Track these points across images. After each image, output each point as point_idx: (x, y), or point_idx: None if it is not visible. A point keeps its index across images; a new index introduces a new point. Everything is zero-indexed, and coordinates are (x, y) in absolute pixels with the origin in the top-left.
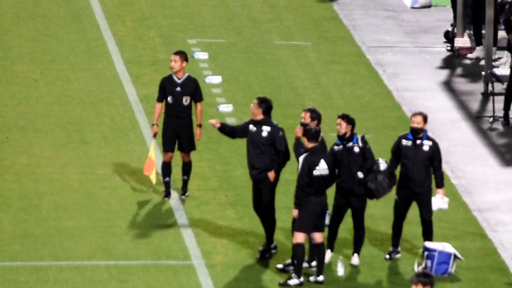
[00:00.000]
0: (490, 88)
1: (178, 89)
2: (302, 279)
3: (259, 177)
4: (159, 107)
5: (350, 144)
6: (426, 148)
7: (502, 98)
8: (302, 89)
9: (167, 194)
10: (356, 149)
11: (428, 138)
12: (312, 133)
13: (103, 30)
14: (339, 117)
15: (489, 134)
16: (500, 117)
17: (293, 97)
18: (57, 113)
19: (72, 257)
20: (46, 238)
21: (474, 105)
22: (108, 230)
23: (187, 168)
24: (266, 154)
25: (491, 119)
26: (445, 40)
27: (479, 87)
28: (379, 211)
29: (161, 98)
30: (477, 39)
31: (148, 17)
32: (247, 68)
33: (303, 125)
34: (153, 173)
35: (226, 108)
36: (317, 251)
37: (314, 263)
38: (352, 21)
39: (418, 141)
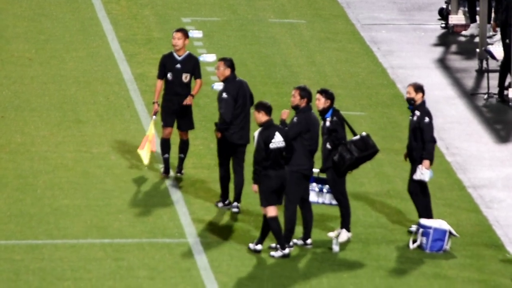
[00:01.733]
0: (484, 65)
1: (178, 66)
2: (287, 250)
3: None
4: (160, 85)
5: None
6: (414, 118)
7: (496, 75)
8: (296, 67)
9: (166, 171)
10: (327, 123)
11: (420, 109)
12: (266, 107)
13: (98, 9)
14: (318, 92)
15: (483, 111)
16: (494, 94)
17: (288, 75)
18: (52, 92)
19: (67, 235)
20: (42, 216)
21: (469, 82)
22: (103, 209)
23: (184, 147)
24: None
25: (485, 96)
26: (439, 17)
27: (473, 64)
28: (373, 188)
29: (161, 75)
30: (472, 16)
31: None
32: (241, 46)
33: (294, 106)
34: (147, 152)
35: (220, 86)
36: (264, 222)
37: (309, 241)
38: None
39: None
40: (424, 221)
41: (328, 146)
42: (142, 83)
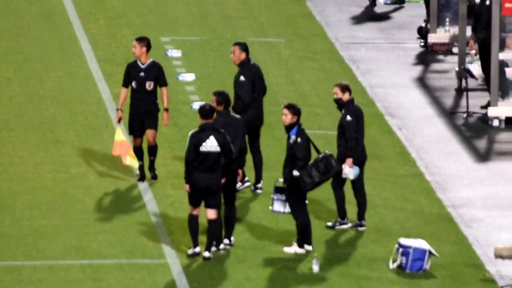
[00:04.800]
0: (463, 84)
1: (142, 74)
2: (197, 249)
3: None
4: (124, 92)
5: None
6: (342, 117)
7: (476, 94)
8: (275, 86)
9: (141, 178)
10: (290, 141)
11: (345, 108)
12: (205, 110)
13: (76, 28)
14: (284, 107)
15: (463, 130)
16: (474, 112)
17: (267, 94)
18: (31, 112)
19: (46, 256)
20: (20, 237)
21: (448, 101)
22: (82, 229)
23: (152, 150)
24: None
25: (465, 115)
26: (418, 36)
27: (452, 83)
28: (353, 207)
29: (126, 83)
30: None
31: (121, 15)
32: (220, 66)
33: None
34: (132, 157)
35: (197, 105)
36: (208, 227)
37: (226, 241)
38: (325, 17)
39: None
40: (404, 241)
41: (295, 173)
42: (116, 108)
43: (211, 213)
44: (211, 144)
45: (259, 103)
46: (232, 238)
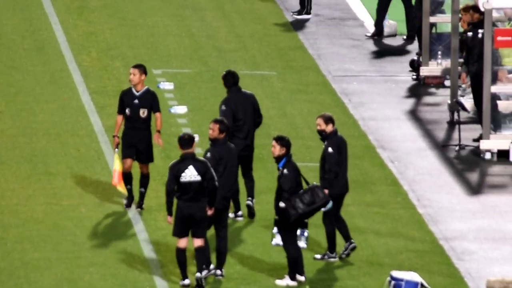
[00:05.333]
0: (456, 116)
1: (136, 101)
2: (186, 281)
3: None
4: (120, 119)
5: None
6: (324, 149)
7: (468, 126)
8: (268, 118)
9: (129, 203)
10: (279, 173)
11: (328, 140)
12: (184, 139)
13: (68, 61)
14: (273, 139)
15: (455, 162)
16: (466, 145)
17: (259, 126)
18: (22, 145)
19: None
20: (12, 270)
21: (440, 133)
22: (74, 262)
23: (145, 181)
24: None
25: (457, 148)
26: (410, 69)
27: (445, 115)
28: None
29: (121, 110)
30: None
31: (113, 47)
32: (212, 98)
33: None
34: (122, 185)
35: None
36: (195, 254)
37: (218, 272)
38: (317, 50)
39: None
40: (396, 274)
41: (281, 204)
42: (113, 135)
43: (197, 242)
44: (190, 174)
45: (246, 133)
46: (223, 270)
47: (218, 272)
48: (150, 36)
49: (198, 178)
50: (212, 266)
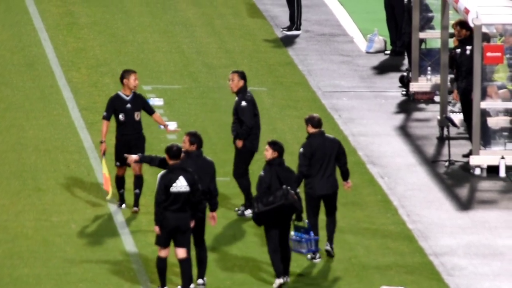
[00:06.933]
0: (445, 132)
1: (129, 105)
2: None
3: None
4: (106, 125)
5: None
6: None
7: (457, 142)
8: None
9: (122, 203)
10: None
11: (306, 140)
12: (173, 151)
13: (58, 77)
14: (268, 143)
15: (444, 178)
16: (456, 161)
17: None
18: (12, 161)
19: None
20: (1, 286)
21: (430, 149)
22: (64, 278)
23: (138, 182)
24: None
25: (447, 164)
26: (400, 84)
27: (434, 131)
28: (335, 256)
29: (109, 116)
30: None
31: (103, 64)
32: (202, 114)
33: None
34: (109, 189)
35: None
36: (180, 267)
37: (200, 281)
38: (307, 66)
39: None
40: None
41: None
42: (100, 140)
43: (182, 252)
44: (181, 184)
45: (259, 129)
46: (205, 278)
47: (200, 281)
48: (140, 53)
49: (188, 188)
50: (192, 286)
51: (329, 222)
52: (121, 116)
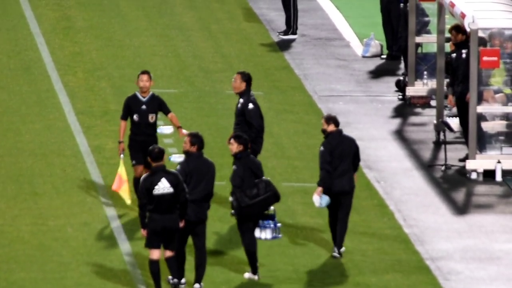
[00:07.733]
0: (442, 137)
1: (144, 107)
2: None
3: None
4: (124, 125)
5: None
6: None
7: (454, 146)
8: None
9: None
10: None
11: (325, 139)
12: (155, 153)
13: (54, 81)
14: (232, 137)
15: (441, 182)
16: (452, 165)
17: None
18: (8, 165)
19: None
20: None
21: (426, 154)
22: (60, 282)
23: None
24: None
25: (443, 168)
26: (396, 89)
27: (431, 136)
28: (331, 260)
29: (125, 116)
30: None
31: (99, 68)
32: (198, 118)
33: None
34: (125, 192)
35: (178, 158)
36: (167, 264)
37: (196, 285)
38: (303, 70)
39: None
40: None
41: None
42: (99, 155)
43: (169, 253)
44: (163, 186)
45: (263, 132)
46: (202, 283)
47: (197, 286)
48: (136, 57)
49: (171, 190)
50: (183, 280)
51: (340, 224)
52: (135, 117)
